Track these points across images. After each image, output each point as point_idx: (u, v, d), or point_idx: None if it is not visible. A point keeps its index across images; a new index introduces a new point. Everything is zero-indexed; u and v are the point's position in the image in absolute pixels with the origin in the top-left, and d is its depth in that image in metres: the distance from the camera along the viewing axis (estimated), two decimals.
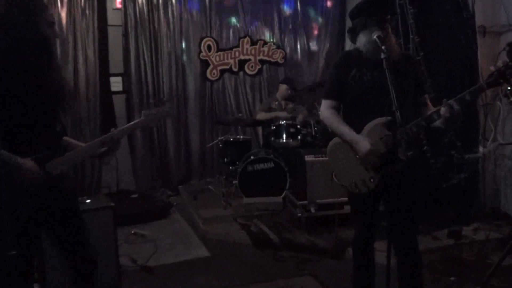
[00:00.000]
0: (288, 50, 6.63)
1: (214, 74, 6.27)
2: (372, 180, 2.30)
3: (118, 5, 5.74)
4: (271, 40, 6.48)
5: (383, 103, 2.19)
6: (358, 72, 2.33)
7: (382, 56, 2.12)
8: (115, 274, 3.12)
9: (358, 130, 2.29)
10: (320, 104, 2.56)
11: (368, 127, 2.27)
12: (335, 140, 2.45)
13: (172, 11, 5.96)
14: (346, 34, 6.62)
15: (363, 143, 2.23)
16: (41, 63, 1.97)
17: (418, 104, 2.42)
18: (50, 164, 1.98)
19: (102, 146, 2.15)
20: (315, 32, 6.75)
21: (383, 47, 2.13)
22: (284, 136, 5.07)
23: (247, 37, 6.36)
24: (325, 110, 2.44)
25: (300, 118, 5.27)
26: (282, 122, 5.13)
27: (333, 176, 2.48)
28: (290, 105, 5.73)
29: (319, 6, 6.74)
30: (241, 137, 5.45)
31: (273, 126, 5.19)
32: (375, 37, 2.18)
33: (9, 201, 1.81)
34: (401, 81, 2.25)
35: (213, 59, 6.23)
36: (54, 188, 2.01)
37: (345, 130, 2.32)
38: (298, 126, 5.10)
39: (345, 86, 2.37)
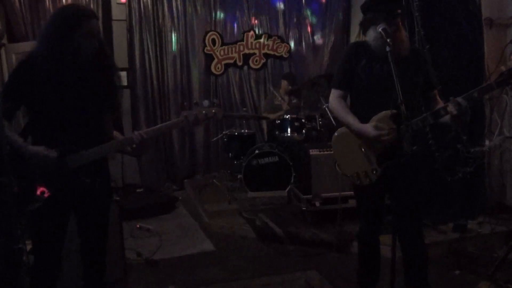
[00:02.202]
0: (292, 44, 6.60)
1: (218, 68, 6.27)
2: (374, 172, 2.30)
3: (123, 0, 5.74)
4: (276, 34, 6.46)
5: (390, 96, 2.18)
6: (368, 63, 2.32)
7: (387, 49, 2.11)
8: (121, 267, 3.15)
9: (365, 121, 2.30)
10: (324, 98, 2.56)
11: (374, 119, 2.27)
12: (341, 130, 2.46)
13: (177, 5, 5.96)
14: (352, 28, 6.60)
15: (370, 128, 2.25)
16: (78, 75, 2.04)
17: (427, 99, 2.42)
18: (71, 157, 2.05)
19: (120, 147, 2.17)
20: (320, 26, 6.71)
21: (388, 40, 2.12)
22: (289, 130, 5.05)
23: (252, 31, 6.34)
24: (334, 99, 2.45)
25: (303, 115, 5.26)
26: (287, 116, 5.11)
27: (336, 166, 2.49)
28: (294, 101, 5.70)
29: None
30: (246, 131, 5.44)
31: (278, 120, 5.18)
32: (380, 30, 2.18)
33: (26, 188, 1.97)
34: (409, 75, 2.25)
35: (218, 53, 6.22)
36: (73, 180, 2.06)
37: (352, 120, 2.34)
38: (303, 120, 5.08)
39: (354, 76, 2.37)
